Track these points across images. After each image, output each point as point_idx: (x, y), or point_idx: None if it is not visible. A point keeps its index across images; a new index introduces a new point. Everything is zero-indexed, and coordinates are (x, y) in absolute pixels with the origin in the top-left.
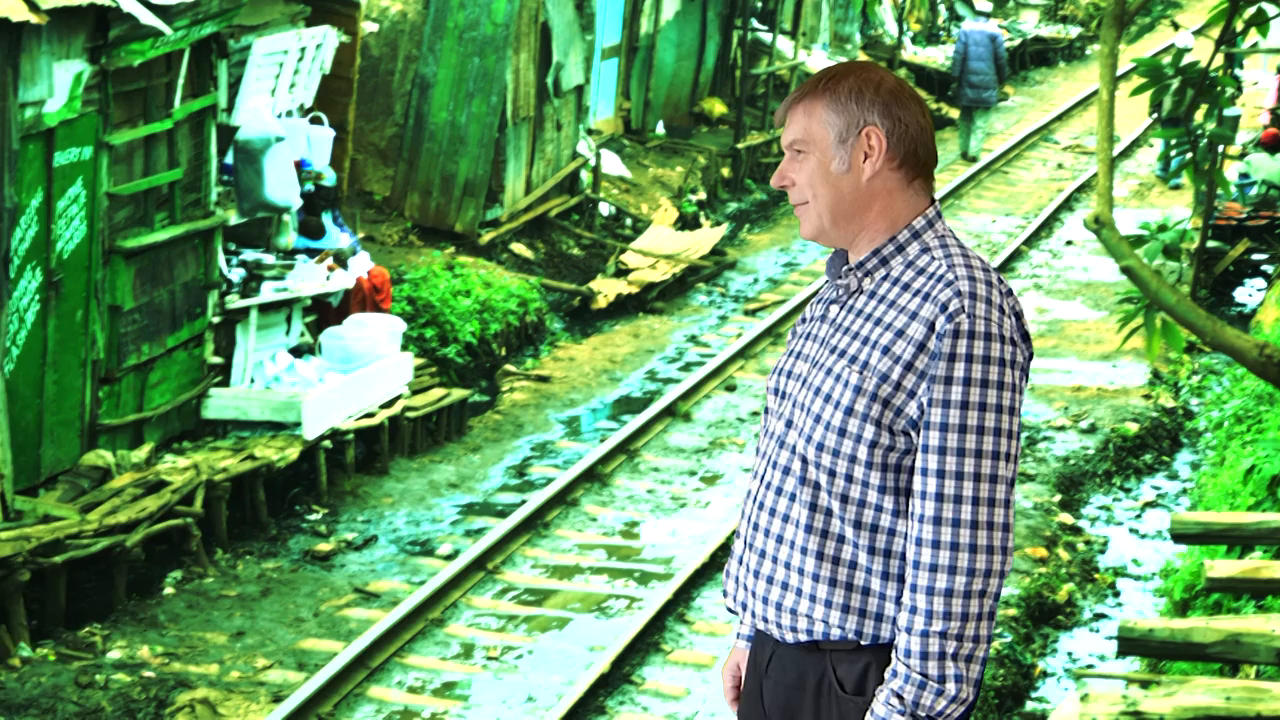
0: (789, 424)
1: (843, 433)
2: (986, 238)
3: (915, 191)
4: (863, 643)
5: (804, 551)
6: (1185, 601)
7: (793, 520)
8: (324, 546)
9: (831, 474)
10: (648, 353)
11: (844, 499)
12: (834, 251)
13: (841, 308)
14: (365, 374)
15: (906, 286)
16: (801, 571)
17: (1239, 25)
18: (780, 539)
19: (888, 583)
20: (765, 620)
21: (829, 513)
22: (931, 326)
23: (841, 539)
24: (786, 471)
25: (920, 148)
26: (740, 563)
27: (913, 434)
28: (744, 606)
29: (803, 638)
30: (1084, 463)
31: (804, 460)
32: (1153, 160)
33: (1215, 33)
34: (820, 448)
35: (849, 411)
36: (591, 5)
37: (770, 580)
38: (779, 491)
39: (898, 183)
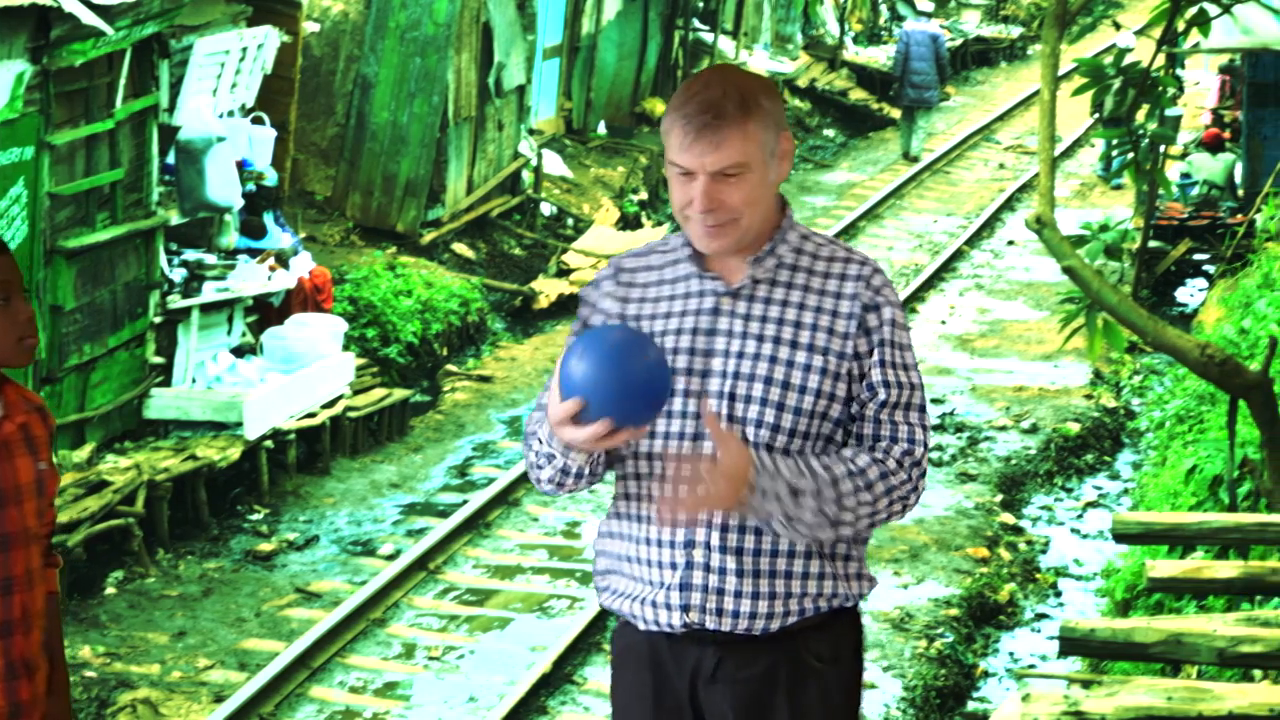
0: (742, 422)
1: (820, 415)
2: (928, 238)
3: None
4: (836, 605)
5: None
6: (1127, 601)
7: None
8: (265, 546)
9: (796, 457)
10: None
11: None
12: (672, 252)
13: (746, 300)
14: (307, 374)
15: (816, 272)
16: (791, 554)
17: (1180, 25)
18: (756, 531)
19: (853, 545)
20: (735, 616)
21: None
22: (856, 298)
23: None
24: None
25: None
26: (706, 570)
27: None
28: (701, 610)
29: (792, 619)
30: (1025, 463)
31: (774, 450)
32: (1094, 160)
33: (1157, 33)
34: (792, 433)
35: (818, 394)
36: (533, 5)
37: (757, 574)
38: None
39: None
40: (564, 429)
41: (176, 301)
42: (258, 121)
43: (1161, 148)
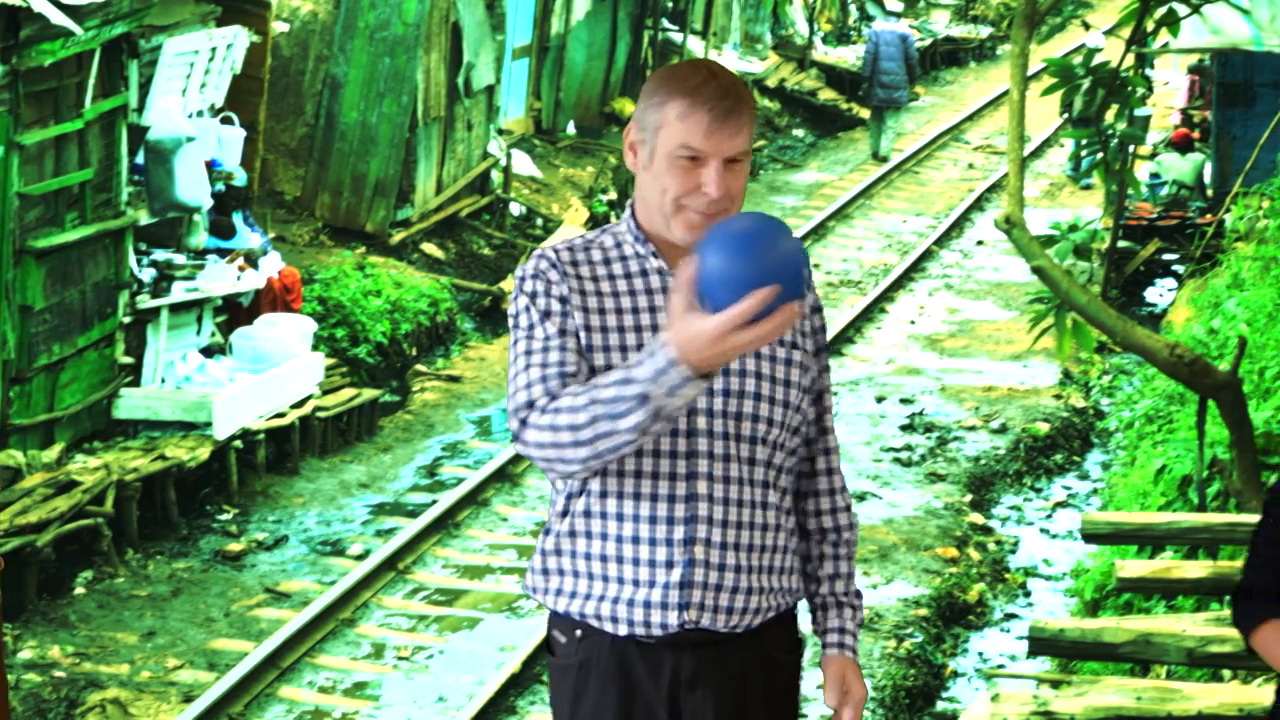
0: (738, 418)
1: (797, 408)
2: (897, 238)
3: None
4: (795, 598)
5: (777, 529)
6: (1096, 601)
7: (770, 505)
8: (235, 546)
9: (783, 449)
10: None
11: (795, 473)
12: (615, 249)
13: None
14: (276, 374)
15: None
16: (774, 549)
17: (1150, 25)
18: (752, 525)
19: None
20: (729, 612)
21: (784, 491)
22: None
23: (789, 511)
24: (752, 462)
25: None
26: (707, 567)
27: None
28: (701, 608)
29: (772, 614)
30: (995, 463)
31: (767, 444)
32: (1063, 160)
33: (1126, 33)
34: (783, 427)
35: (800, 388)
36: (502, 5)
37: (750, 570)
38: (750, 483)
39: None
40: (736, 336)
41: (146, 301)
42: (227, 121)
43: (1131, 148)
